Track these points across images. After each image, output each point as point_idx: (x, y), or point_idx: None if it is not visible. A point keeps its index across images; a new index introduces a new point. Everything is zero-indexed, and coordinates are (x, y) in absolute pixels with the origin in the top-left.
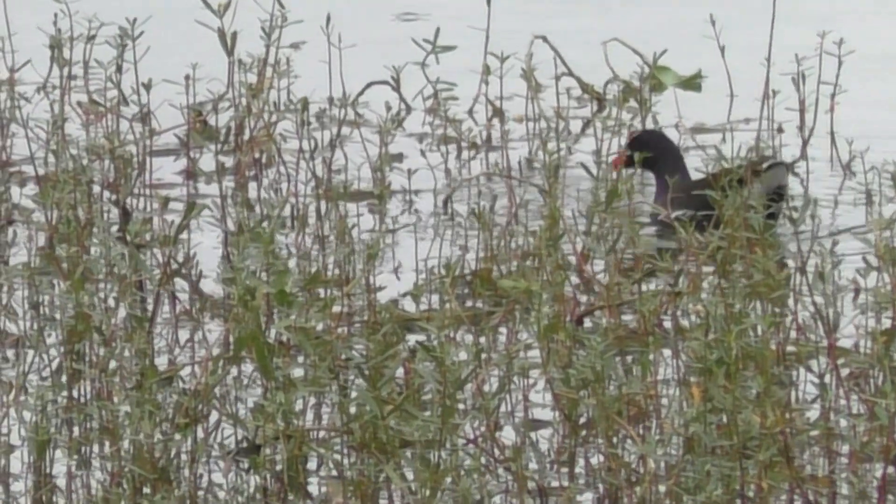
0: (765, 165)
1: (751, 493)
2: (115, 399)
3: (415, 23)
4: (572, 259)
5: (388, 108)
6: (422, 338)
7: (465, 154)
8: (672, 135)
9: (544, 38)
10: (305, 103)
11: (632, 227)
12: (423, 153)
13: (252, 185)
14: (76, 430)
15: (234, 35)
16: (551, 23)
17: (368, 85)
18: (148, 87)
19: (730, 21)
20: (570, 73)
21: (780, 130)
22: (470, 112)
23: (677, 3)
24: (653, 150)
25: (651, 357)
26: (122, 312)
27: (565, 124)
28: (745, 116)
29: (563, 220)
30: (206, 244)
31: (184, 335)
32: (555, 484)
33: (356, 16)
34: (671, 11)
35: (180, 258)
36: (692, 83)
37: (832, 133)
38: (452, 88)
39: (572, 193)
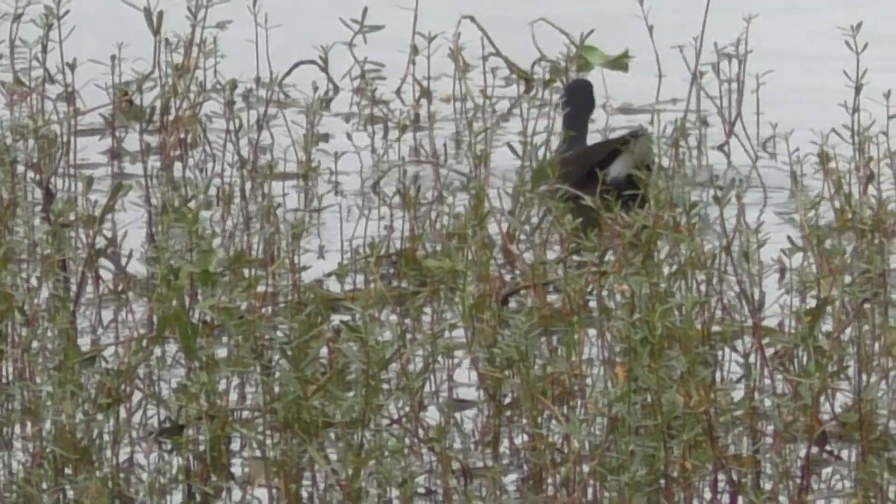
0: (632, 139)
1: (675, 473)
2: (38, 379)
3: (343, 2)
4: (498, 239)
5: (315, 88)
6: (346, 318)
7: (392, 134)
8: (600, 114)
9: (472, 19)
10: (233, 84)
11: (557, 206)
12: (349, 134)
13: (178, 165)
14: None
15: (161, 14)
16: (480, 3)
17: (296, 65)
18: (73, 66)
19: (659, 1)
20: (498, 54)
21: (705, 123)
22: (397, 92)
23: None
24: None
25: (576, 337)
26: (45, 292)
27: (492, 104)
28: (672, 97)
29: (489, 199)
30: (130, 224)
31: (107, 315)
32: (479, 464)
33: None
34: None
35: (105, 238)
36: (619, 63)
37: (758, 114)
38: (380, 69)
39: (499, 173)
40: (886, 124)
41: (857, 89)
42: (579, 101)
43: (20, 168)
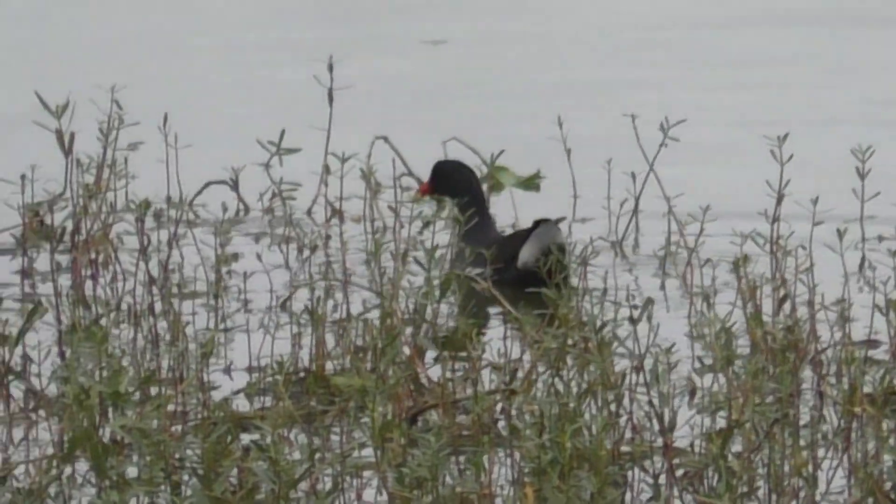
0: (535, 226)
1: None
2: None
3: (258, 124)
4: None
5: (225, 209)
6: (255, 437)
7: (303, 253)
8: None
9: (385, 139)
10: (146, 204)
11: (465, 322)
12: (258, 255)
13: (89, 285)
14: None
15: (73, 136)
16: (394, 123)
17: (206, 185)
18: None
19: (573, 119)
20: (410, 174)
21: (617, 251)
22: (308, 212)
23: (520, 102)
24: (452, 179)
25: (485, 456)
26: None
27: (401, 223)
28: (583, 217)
29: (398, 316)
30: (41, 343)
31: (18, 434)
32: None
33: (197, 116)
34: (514, 110)
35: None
36: (531, 183)
37: (669, 234)
38: (296, 188)
39: (407, 289)
40: (810, 236)
41: (779, 199)
42: (460, 184)
43: None
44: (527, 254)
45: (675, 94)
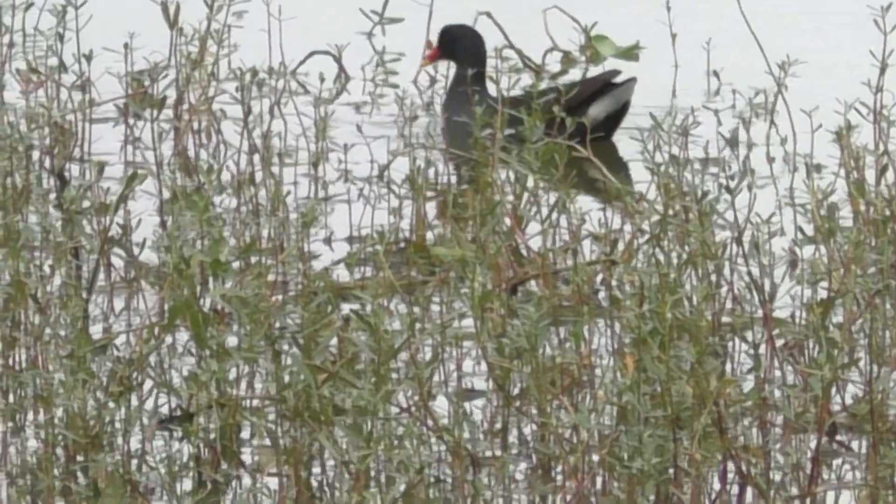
0: (619, 80)
1: (685, 464)
2: (50, 367)
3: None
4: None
5: (322, 80)
6: (356, 307)
7: (404, 123)
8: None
9: (488, 14)
10: (254, 72)
11: (567, 194)
12: (358, 126)
13: (190, 154)
14: (11, 397)
15: (178, 7)
16: None
17: (310, 54)
18: (89, 57)
19: None
20: (512, 47)
21: (719, 124)
22: (415, 82)
23: None
24: (460, 43)
25: (585, 327)
26: (57, 280)
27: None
28: (684, 87)
29: (498, 186)
30: (142, 212)
31: (119, 303)
32: (488, 454)
33: None
34: None
35: (117, 225)
36: (630, 53)
37: (773, 103)
38: (400, 58)
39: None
40: None
41: (882, 69)
42: (466, 49)
43: (34, 156)
44: (599, 109)
45: None
